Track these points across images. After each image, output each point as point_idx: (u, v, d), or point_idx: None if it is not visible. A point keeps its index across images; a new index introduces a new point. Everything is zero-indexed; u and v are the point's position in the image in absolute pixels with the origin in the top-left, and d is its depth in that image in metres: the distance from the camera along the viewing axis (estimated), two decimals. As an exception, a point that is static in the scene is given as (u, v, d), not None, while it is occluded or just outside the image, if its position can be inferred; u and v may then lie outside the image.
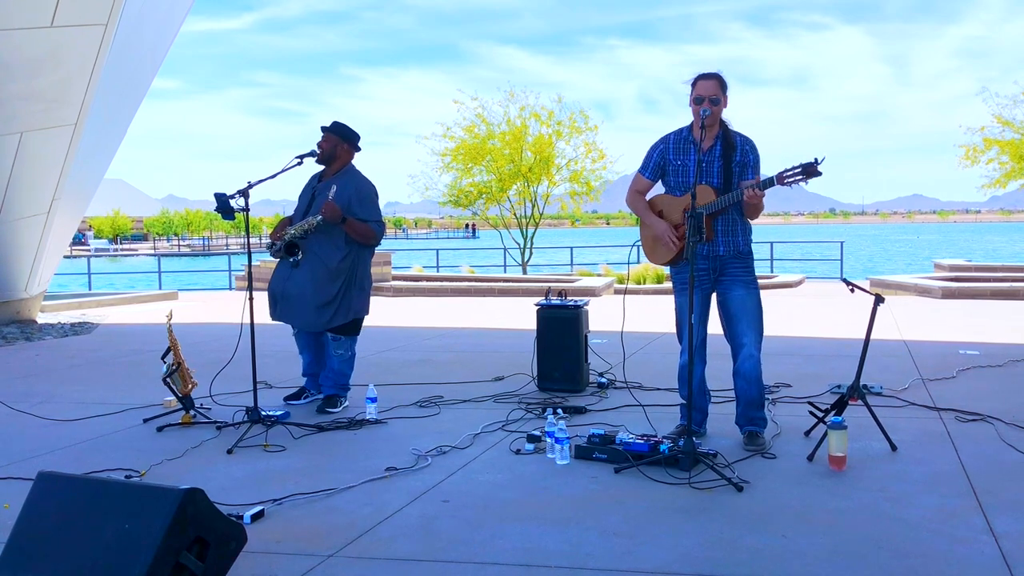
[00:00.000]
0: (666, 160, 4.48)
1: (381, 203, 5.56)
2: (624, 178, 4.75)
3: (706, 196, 4.25)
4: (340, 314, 5.33)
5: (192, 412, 5.11)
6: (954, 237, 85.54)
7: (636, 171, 4.63)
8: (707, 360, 4.56)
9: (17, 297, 10.74)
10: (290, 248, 5.31)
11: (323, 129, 5.40)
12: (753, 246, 4.57)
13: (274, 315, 5.51)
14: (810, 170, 4.02)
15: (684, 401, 4.54)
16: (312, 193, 5.45)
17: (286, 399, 5.61)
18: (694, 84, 4.31)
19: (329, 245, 5.28)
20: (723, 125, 4.37)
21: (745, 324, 4.37)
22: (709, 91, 4.25)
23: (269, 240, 5.54)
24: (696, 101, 4.26)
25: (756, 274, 4.52)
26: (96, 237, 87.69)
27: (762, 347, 4.44)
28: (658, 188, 4.64)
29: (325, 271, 5.27)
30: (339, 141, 5.39)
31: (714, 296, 4.49)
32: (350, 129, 5.45)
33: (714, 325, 4.53)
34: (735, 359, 4.43)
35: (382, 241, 5.51)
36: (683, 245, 4.27)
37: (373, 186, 5.43)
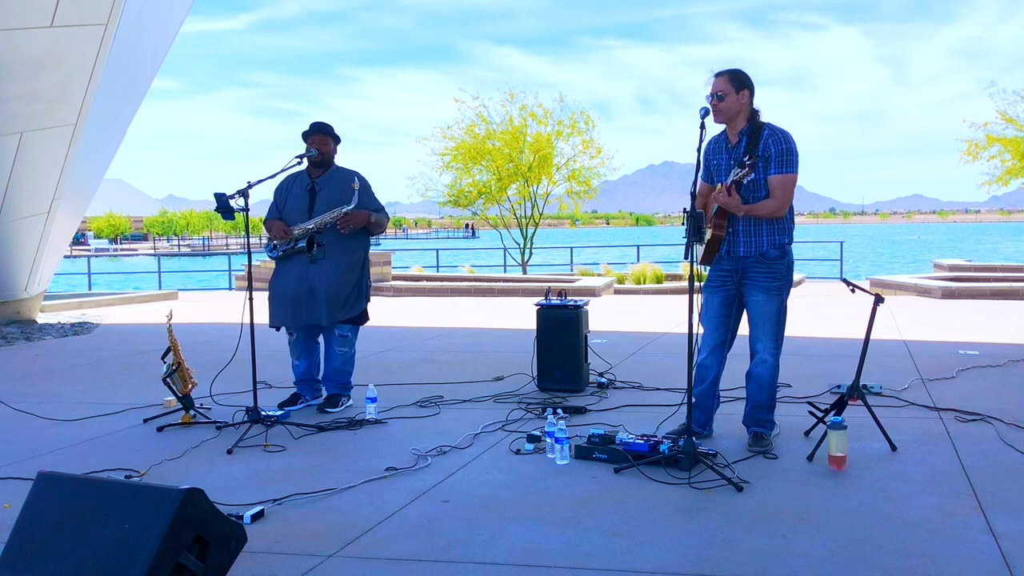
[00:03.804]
0: (708, 162, 4.49)
1: (381, 202, 5.60)
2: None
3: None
4: (358, 302, 5.39)
5: (192, 412, 5.11)
6: (956, 237, 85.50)
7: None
8: (725, 362, 4.52)
9: (17, 297, 10.74)
10: (311, 244, 5.27)
11: (312, 132, 5.39)
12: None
13: (285, 318, 5.33)
14: (751, 164, 4.03)
15: (694, 399, 4.52)
16: (310, 190, 5.41)
17: (280, 405, 5.38)
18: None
19: (347, 238, 5.32)
20: (751, 119, 4.31)
21: (760, 330, 4.36)
22: (714, 88, 4.25)
23: (271, 243, 5.46)
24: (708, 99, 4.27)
25: (785, 279, 4.40)
26: (96, 237, 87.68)
27: (779, 356, 4.39)
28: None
29: (348, 264, 5.31)
30: (330, 139, 5.44)
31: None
32: (329, 125, 5.50)
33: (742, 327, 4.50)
34: (751, 362, 4.43)
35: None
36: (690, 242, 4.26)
37: (364, 177, 5.50)
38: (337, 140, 5.50)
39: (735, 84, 4.25)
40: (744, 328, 4.47)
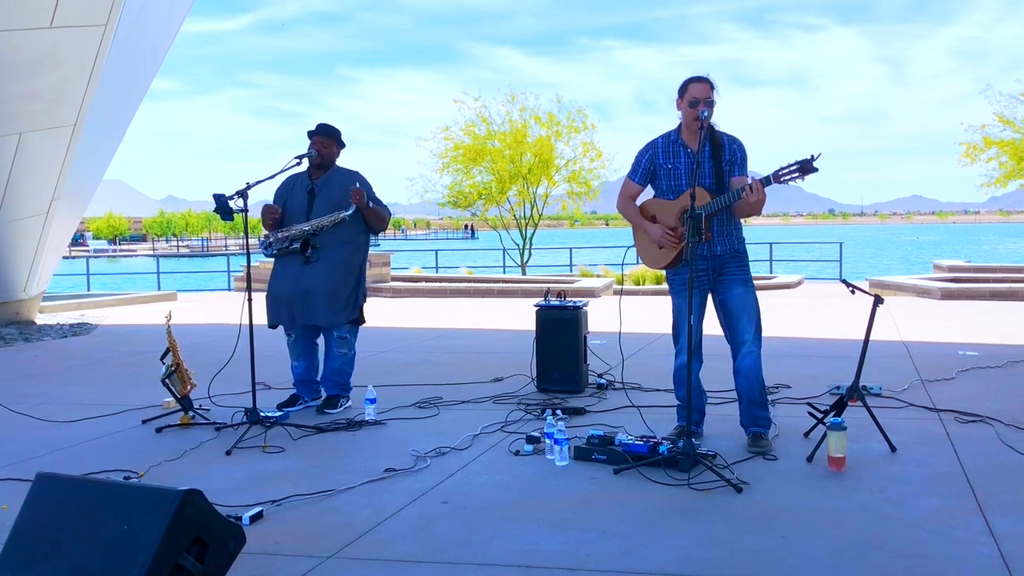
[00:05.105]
0: (656, 164, 4.49)
1: (383, 202, 5.60)
2: (624, 177, 4.77)
3: (701, 198, 4.25)
4: (355, 305, 5.38)
5: (191, 413, 5.11)
6: (955, 238, 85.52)
7: (625, 177, 4.65)
8: (703, 360, 4.56)
9: (16, 298, 10.74)
10: (305, 245, 5.28)
11: (315, 132, 5.42)
12: (750, 247, 4.61)
13: (283, 318, 5.38)
14: (806, 167, 4.01)
15: (681, 402, 4.55)
16: (310, 191, 5.43)
17: (279, 406, 5.37)
18: (686, 87, 4.32)
19: (342, 240, 5.32)
20: (709, 126, 4.36)
21: (746, 321, 4.38)
22: (705, 93, 4.26)
23: (266, 238, 5.45)
24: (692, 104, 4.26)
25: (752, 273, 4.55)
26: (95, 238, 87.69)
27: (762, 347, 4.45)
28: (647, 193, 4.65)
29: (343, 266, 5.30)
30: (332, 143, 5.46)
31: (710, 296, 4.50)
32: (336, 128, 5.52)
33: (709, 326, 4.52)
34: (735, 357, 4.43)
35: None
36: (683, 246, 4.28)
37: (365, 178, 5.52)
38: (341, 145, 5.52)
39: (715, 92, 4.31)
40: (709, 327, 4.48)
